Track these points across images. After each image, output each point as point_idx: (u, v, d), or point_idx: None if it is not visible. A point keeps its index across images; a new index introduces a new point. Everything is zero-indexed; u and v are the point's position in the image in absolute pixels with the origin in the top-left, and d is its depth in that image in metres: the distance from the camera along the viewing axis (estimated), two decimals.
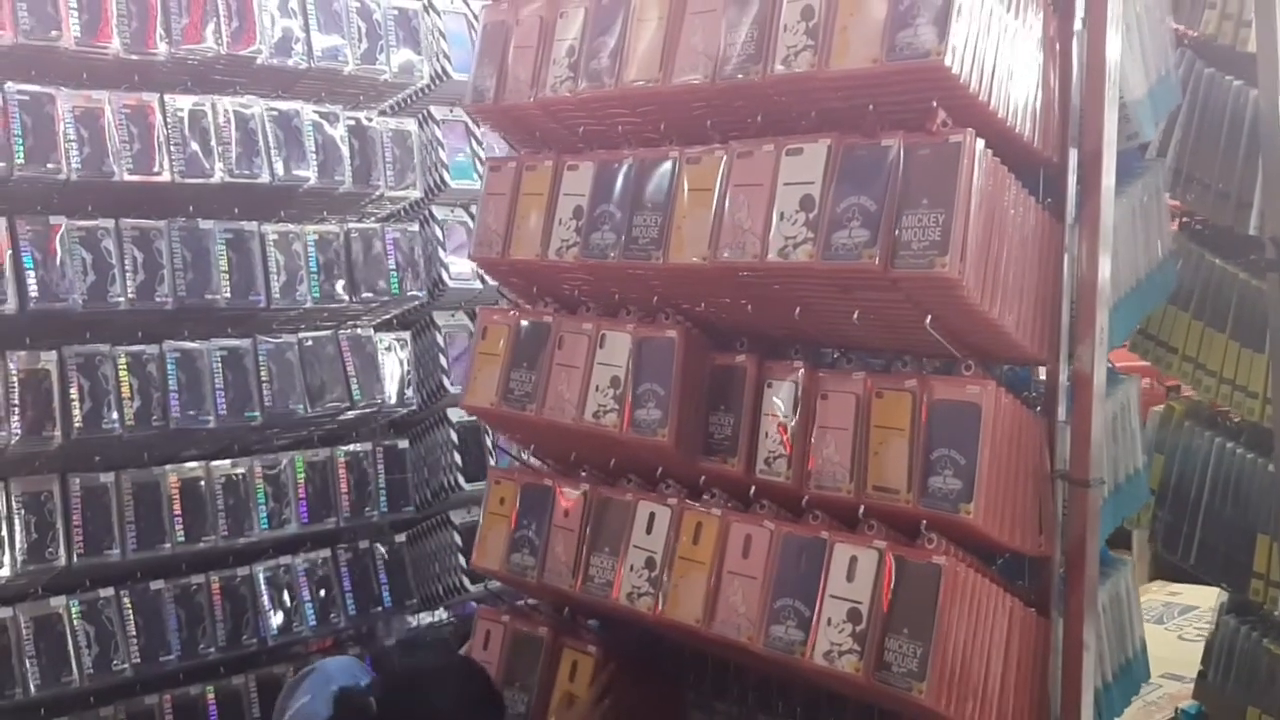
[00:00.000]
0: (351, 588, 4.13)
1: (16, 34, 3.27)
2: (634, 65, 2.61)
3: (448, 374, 4.35)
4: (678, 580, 2.55)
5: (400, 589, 4.25)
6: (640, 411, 2.60)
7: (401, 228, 4.17)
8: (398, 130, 4.10)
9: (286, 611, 3.95)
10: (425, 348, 4.37)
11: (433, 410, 4.39)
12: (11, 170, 3.28)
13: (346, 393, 4.03)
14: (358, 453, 4.16)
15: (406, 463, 4.27)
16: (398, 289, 4.12)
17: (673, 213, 2.53)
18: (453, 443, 4.37)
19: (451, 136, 4.34)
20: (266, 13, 3.68)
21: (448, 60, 4.22)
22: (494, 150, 4.36)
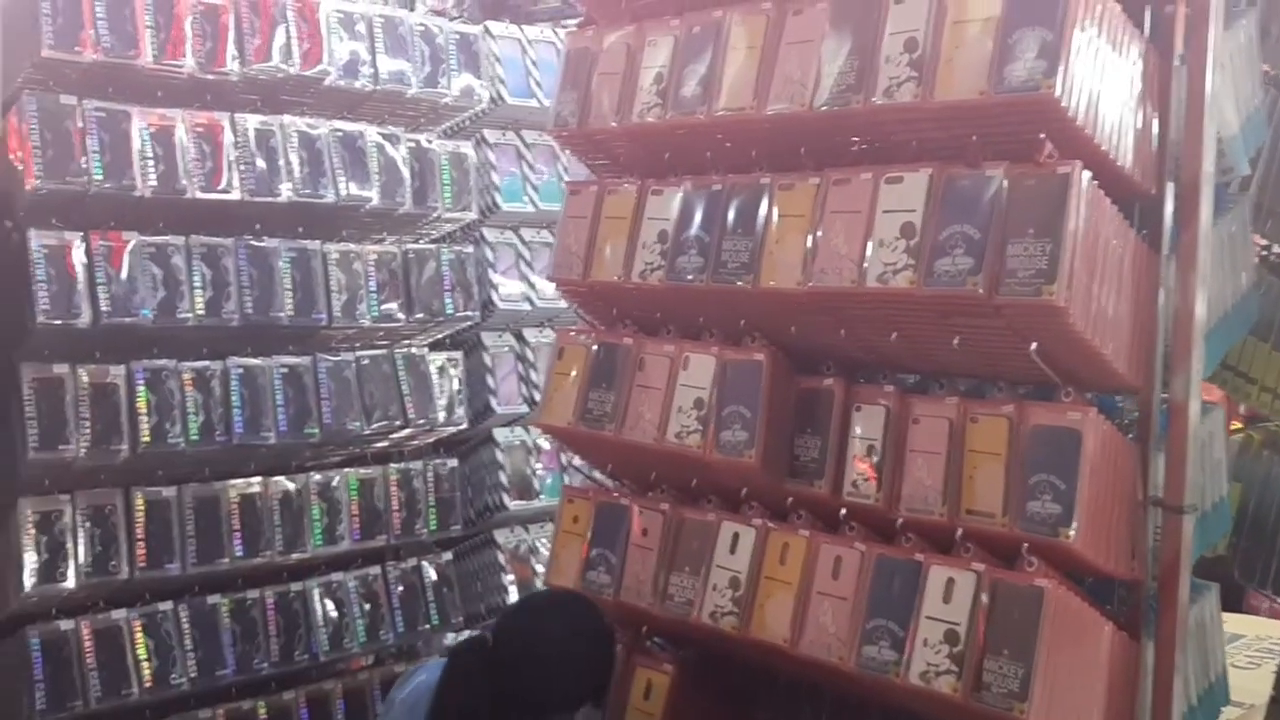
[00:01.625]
0: (400, 605, 4.16)
1: (97, 52, 3.30)
2: (725, 93, 2.65)
3: (495, 394, 4.40)
4: (763, 600, 2.58)
5: (447, 607, 4.28)
6: (726, 433, 2.64)
7: (456, 249, 4.21)
8: (455, 153, 4.15)
9: (337, 628, 3.97)
10: (473, 367, 4.41)
11: (480, 429, 4.42)
12: (89, 186, 3.32)
13: (401, 411, 4.07)
14: (408, 470, 4.20)
15: (455, 481, 4.30)
16: (451, 309, 4.16)
17: (764, 238, 2.57)
18: (498, 462, 4.40)
19: (503, 160, 4.39)
20: (335, 34, 3.74)
21: (503, 84, 4.28)
22: (544, 175, 4.43)
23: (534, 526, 4.51)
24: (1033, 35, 2.16)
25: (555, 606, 2.72)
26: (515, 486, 4.41)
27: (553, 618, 2.64)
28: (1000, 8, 2.22)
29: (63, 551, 3.41)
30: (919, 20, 2.32)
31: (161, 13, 3.42)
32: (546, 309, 4.44)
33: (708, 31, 2.72)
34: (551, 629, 2.59)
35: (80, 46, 3.29)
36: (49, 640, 3.42)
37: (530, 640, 2.56)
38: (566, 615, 2.65)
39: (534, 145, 4.41)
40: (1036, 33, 2.16)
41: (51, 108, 3.29)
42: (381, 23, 3.87)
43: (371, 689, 4.08)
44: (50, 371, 3.35)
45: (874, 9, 2.40)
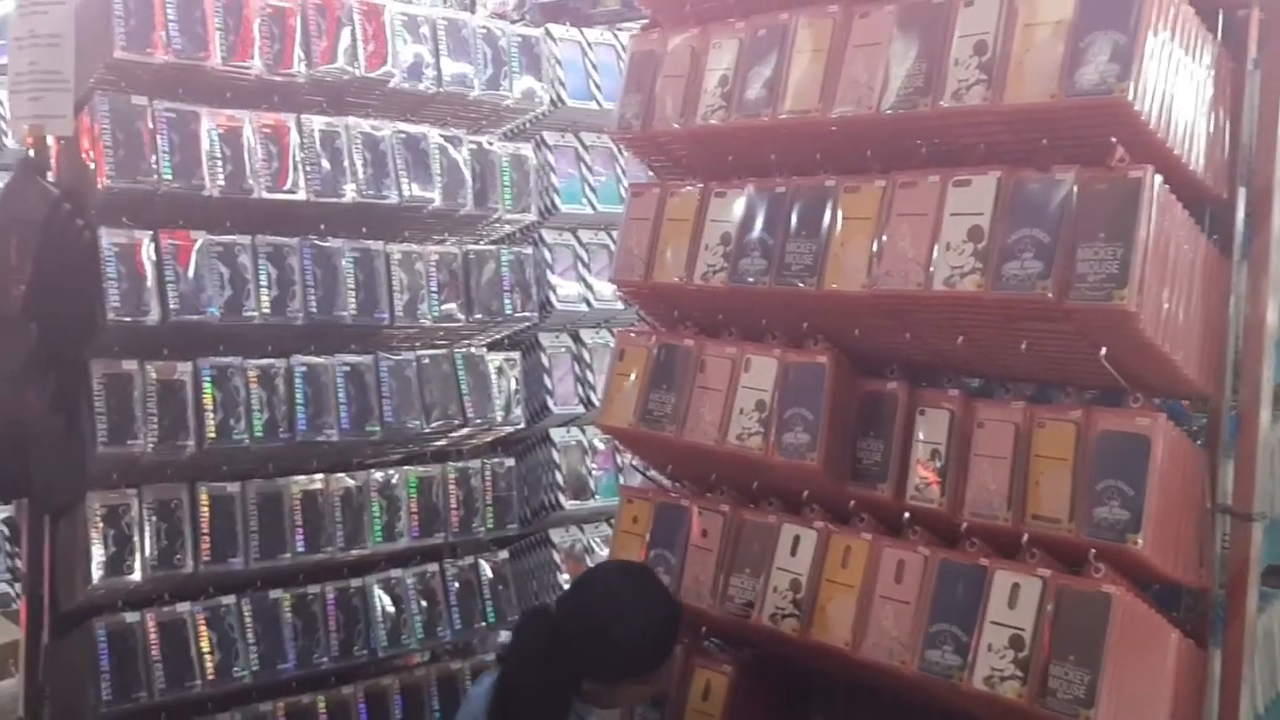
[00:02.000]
0: (457, 602, 4.18)
1: (168, 54, 3.36)
2: (791, 96, 2.66)
3: (552, 394, 4.42)
4: (824, 603, 2.58)
5: (502, 605, 4.30)
6: (788, 435, 2.64)
7: (515, 250, 4.24)
8: (515, 155, 4.18)
9: (396, 624, 4.01)
10: (530, 368, 4.43)
11: (536, 429, 4.45)
12: (159, 185, 3.37)
13: (460, 410, 4.10)
14: (466, 469, 4.22)
15: (512, 480, 4.33)
16: (510, 310, 4.19)
17: (829, 241, 2.58)
18: (554, 462, 4.42)
19: (563, 161, 4.41)
20: (399, 37, 3.77)
21: (563, 87, 4.30)
22: (603, 177, 4.45)
23: (589, 526, 4.52)
24: (1105, 38, 2.16)
25: (618, 575, 2.80)
26: (571, 486, 4.43)
27: (616, 586, 2.73)
28: (1072, 11, 2.21)
29: (129, 545, 3.46)
30: (989, 23, 2.32)
31: (230, 15, 3.47)
32: (603, 310, 4.46)
33: (773, 34, 2.73)
34: (615, 596, 2.68)
35: (151, 48, 3.34)
36: (115, 632, 3.47)
37: (594, 608, 2.66)
38: (629, 583, 2.73)
39: (593, 147, 4.43)
40: (1109, 36, 2.16)
41: (123, 108, 3.34)
42: (445, 25, 3.90)
43: (429, 685, 4.11)
44: (119, 368, 3.40)
45: (943, 12, 2.40)
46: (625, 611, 2.66)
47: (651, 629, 2.66)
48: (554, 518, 4.44)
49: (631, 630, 2.63)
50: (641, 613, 2.66)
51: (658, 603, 2.69)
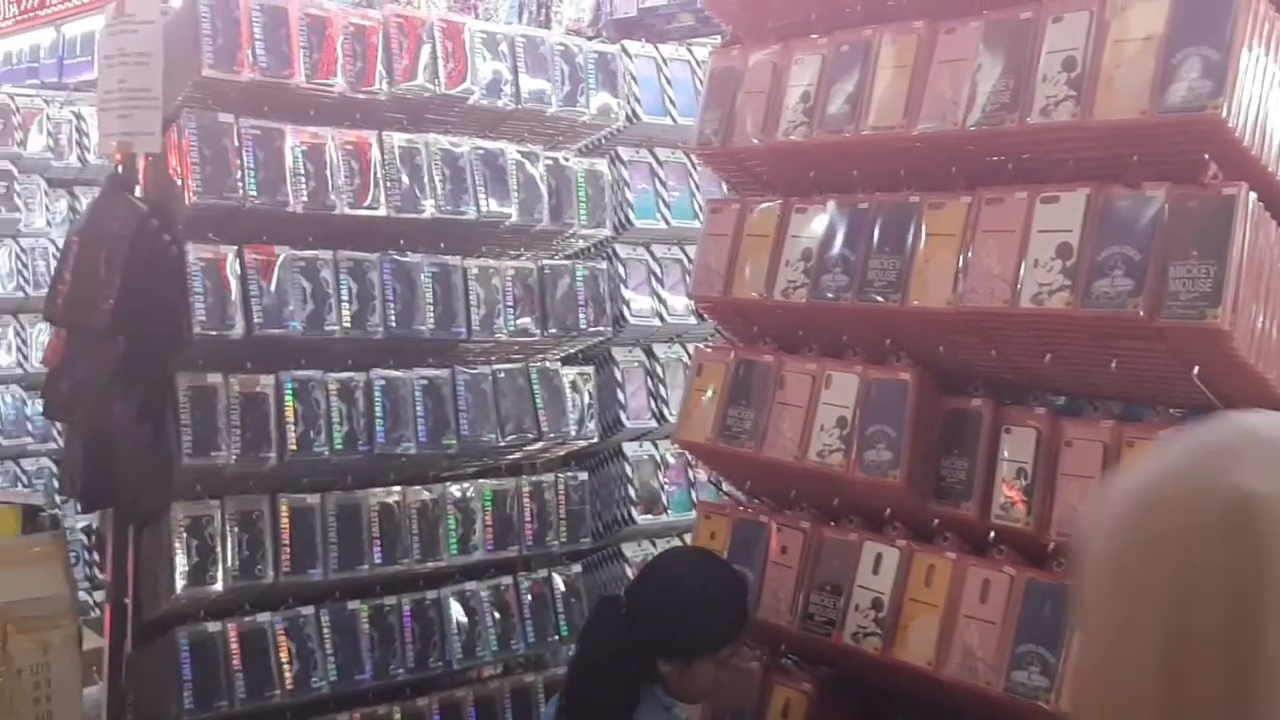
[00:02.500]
0: (531, 615, 4.20)
1: (254, 72, 3.42)
2: (874, 112, 2.65)
3: (625, 409, 4.43)
4: (907, 622, 2.56)
5: (575, 619, 4.31)
6: (870, 453, 2.63)
7: (590, 265, 4.26)
8: (591, 170, 4.20)
9: (470, 636, 4.03)
10: (604, 382, 4.44)
11: (608, 443, 4.46)
12: (244, 201, 3.43)
13: (534, 424, 4.12)
14: (540, 483, 4.24)
15: (586, 494, 4.35)
16: (584, 324, 4.21)
17: (913, 257, 2.56)
18: (627, 477, 4.43)
19: (637, 177, 4.43)
20: (479, 54, 3.81)
21: (638, 103, 4.31)
22: (677, 192, 4.46)
23: (661, 541, 4.52)
24: (1197, 54, 2.13)
25: (683, 554, 2.92)
26: (643, 501, 4.43)
27: (682, 563, 2.85)
28: (1164, 26, 2.19)
29: (212, 555, 3.51)
30: (1078, 39, 2.30)
31: (314, 34, 3.53)
32: (676, 325, 4.46)
33: (856, 50, 2.72)
34: (681, 572, 2.78)
35: (238, 66, 3.40)
36: (197, 641, 3.52)
37: (662, 584, 2.74)
38: (693, 560, 2.84)
39: (667, 162, 4.44)
40: (1201, 52, 2.13)
41: (210, 125, 3.40)
42: (523, 43, 3.94)
43: (502, 698, 4.13)
44: (204, 380, 3.46)
45: (1030, 27, 2.39)
46: (692, 583, 2.73)
47: (718, 597, 2.71)
48: (626, 532, 4.45)
49: (698, 600, 2.68)
50: (708, 583, 2.74)
51: (723, 573, 2.77)
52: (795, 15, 2.89)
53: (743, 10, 2.99)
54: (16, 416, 6.04)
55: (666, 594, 2.72)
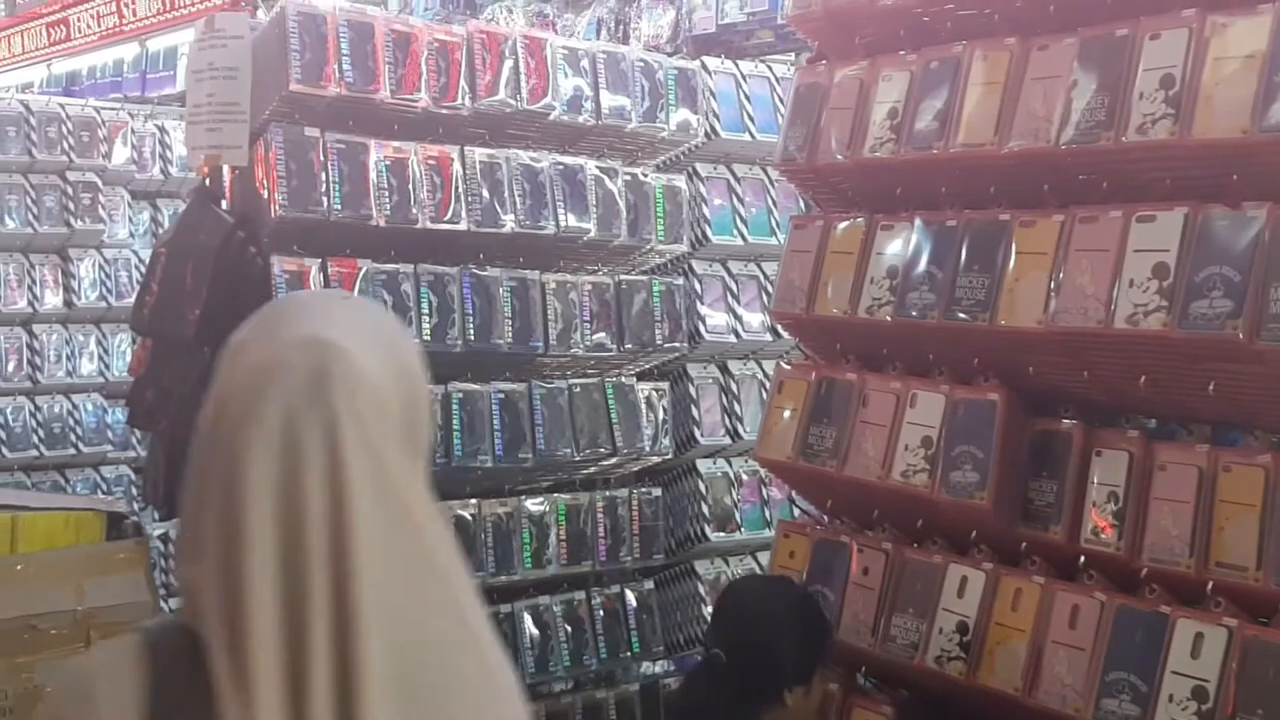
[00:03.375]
0: (603, 631, 4.19)
1: (340, 87, 3.46)
2: (964, 129, 2.63)
3: (699, 425, 4.41)
4: (993, 646, 2.52)
5: (647, 635, 4.30)
6: (955, 474, 2.60)
7: (666, 280, 4.25)
8: (669, 185, 4.20)
9: (543, 651, 4.03)
10: (678, 398, 4.43)
11: (682, 460, 4.45)
12: (328, 214, 3.47)
13: (609, 439, 4.12)
14: (614, 498, 4.24)
15: (659, 510, 4.33)
16: (660, 340, 4.20)
17: (1002, 276, 2.53)
18: (700, 493, 4.41)
19: (714, 193, 4.42)
20: (560, 70, 3.83)
21: (717, 119, 4.31)
22: (754, 208, 4.44)
23: (734, 559, 4.50)
24: None
25: (762, 591, 2.81)
26: (716, 518, 4.41)
27: (766, 602, 2.73)
28: (1266, 44, 2.15)
29: None
30: (1176, 56, 2.26)
31: (399, 49, 3.56)
32: (752, 341, 4.45)
33: (946, 66, 2.70)
34: (772, 613, 2.67)
35: (325, 81, 3.44)
36: None
37: (755, 626, 2.65)
38: (777, 594, 2.76)
39: (744, 179, 4.43)
40: None
41: (297, 139, 3.44)
42: (604, 59, 3.95)
43: (574, 713, 4.12)
44: None
45: (1127, 45, 2.35)
46: (784, 617, 2.67)
47: (810, 622, 2.69)
48: (699, 549, 4.43)
49: (795, 631, 2.64)
50: (796, 613, 2.69)
51: (803, 597, 2.75)
52: (883, 32, 2.87)
53: (829, 27, 2.97)
54: (97, 424, 6.15)
55: (764, 634, 2.64)
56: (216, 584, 1.24)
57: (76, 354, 6.14)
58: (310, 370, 1.26)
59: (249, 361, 1.29)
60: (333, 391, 1.26)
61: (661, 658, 4.43)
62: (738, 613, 2.77)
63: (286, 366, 1.27)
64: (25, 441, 5.98)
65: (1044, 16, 2.59)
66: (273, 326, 1.35)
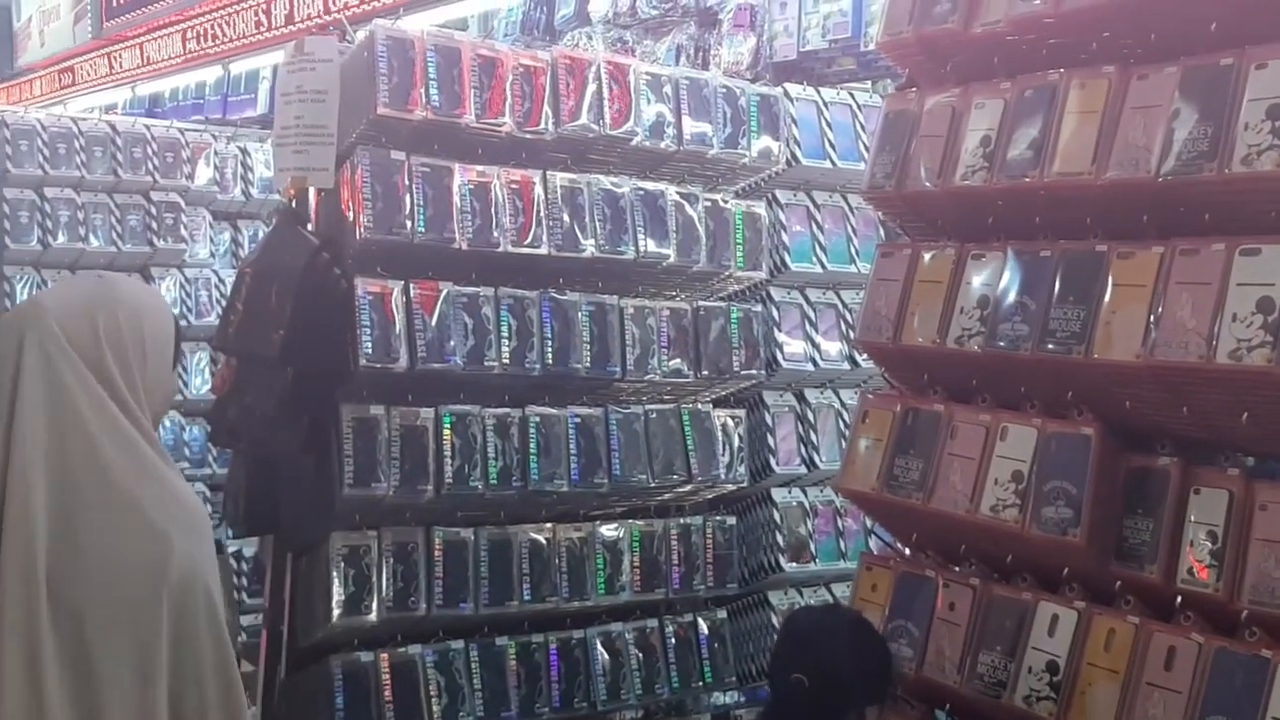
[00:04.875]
0: (675, 660, 4.16)
1: (426, 111, 3.48)
2: (1060, 158, 2.58)
3: (774, 453, 4.37)
4: (1084, 687, 2.46)
5: (720, 665, 4.25)
6: (1048, 509, 2.54)
7: (744, 307, 4.23)
8: (749, 212, 4.18)
9: (615, 678, 4.00)
10: (754, 426, 4.40)
11: (757, 488, 4.41)
12: (412, 236, 3.48)
13: (685, 466, 4.09)
14: (688, 526, 4.21)
15: (733, 539, 4.29)
16: (737, 367, 4.17)
17: (1099, 308, 2.48)
18: (775, 523, 4.37)
19: (794, 220, 4.39)
20: (643, 96, 3.83)
21: (798, 145, 4.29)
22: (834, 236, 4.41)
23: (808, 590, 4.45)
24: None
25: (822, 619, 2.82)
26: (790, 548, 4.36)
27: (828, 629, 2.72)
28: None
29: (368, 585, 3.54)
30: None
31: (485, 74, 3.58)
32: (829, 370, 4.41)
33: (1041, 95, 2.66)
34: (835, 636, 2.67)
35: (411, 105, 3.47)
36: (350, 670, 3.55)
37: (825, 660, 2.62)
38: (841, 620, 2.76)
39: (824, 206, 4.40)
40: None
41: (382, 162, 3.46)
42: (687, 85, 3.95)
43: None
44: (367, 412, 3.50)
45: (1231, 74, 2.31)
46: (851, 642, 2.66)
47: (877, 646, 2.69)
48: (773, 579, 4.38)
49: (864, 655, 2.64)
50: (862, 635, 2.70)
51: (865, 623, 2.74)
52: (976, 59, 2.84)
53: (920, 54, 2.94)
54: (174, 441, 6.22)
55: (836, 660, 2.63)
56: None
57: None
58: (17, 315, 2.31)
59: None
60: (24, 327, 2.15)
61: (733, 688, 4.38)
62: (805, 641, 2.75)
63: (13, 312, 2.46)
64: None
65: (1144, 45, 2.55)
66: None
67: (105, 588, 2.11)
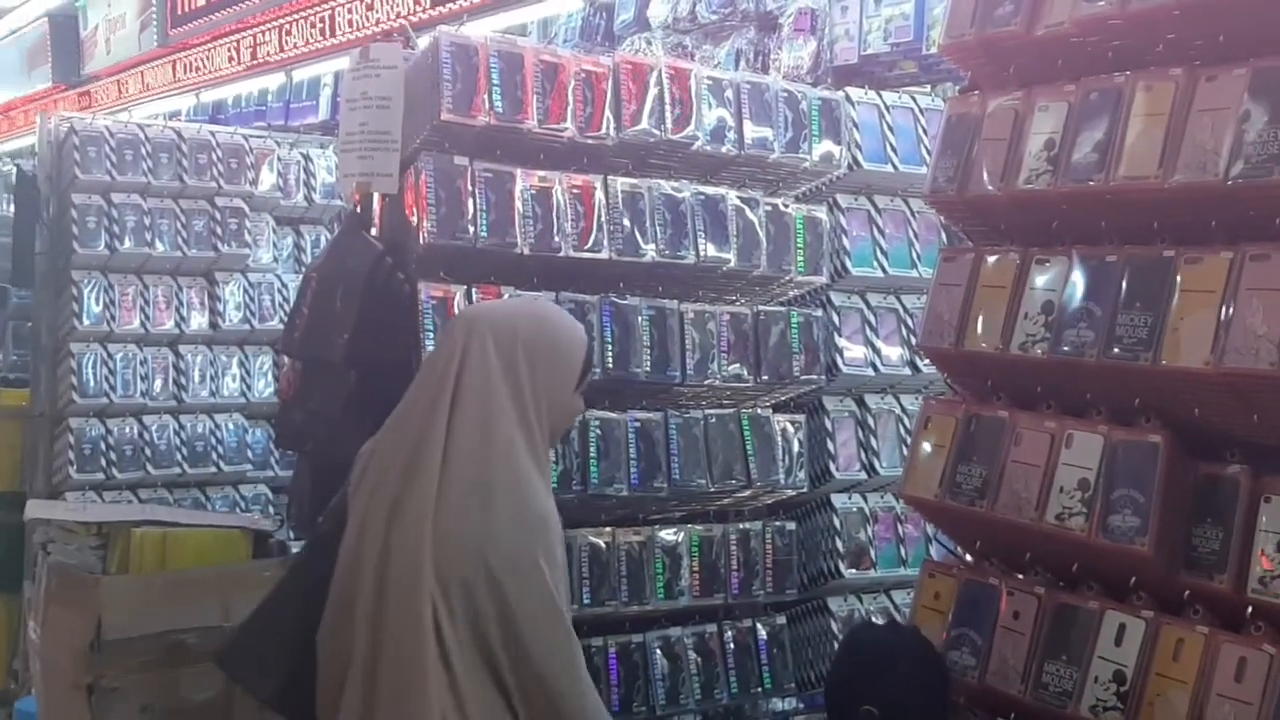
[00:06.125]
0: (734, 665, 4.15)
1: (490, 117, 3.50)
2: (1125, 161, 2.56)
3: (834, 459, 4.35)
4: (1153, 698, 2.43)
5: (779, 671, 4.24)
6: (1114, 518, 2.52)
7: (805, 312, 4.21)
8: (810, 216, 4.16)
9: (674, 683, 4.00)
10: (813, 431, 4.38)
11: (817, 494, 4.39)
12: (475, 242, 3.51)
13: (744, 471, 4.08)
14: (747, 531, 4.20)
15: (793, 545, 4.28)
16: (797, 372, 4.16)
17: (1166, 314, 2.45)
18: (834, 529, 4.35)
19: (854, 224, 4.37)
20: (704, 101, 3.83)
21: (859, 150, 4.27)
22: (895, 240, 4.38)
23: (867, 597, 4.42)
24: None
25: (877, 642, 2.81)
26: (850, 554, 4.33)
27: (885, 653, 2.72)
28: None
29: None
30: None
31: (548, 80, 3.60)
32: (890, 375, 4.38)
33: (1106, 97, 2.64)
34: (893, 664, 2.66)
35: (474, 111, 3.49)
36: None
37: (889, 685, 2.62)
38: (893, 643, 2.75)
39: (886, 210, 4.38)
40: None
41: (446, 168, 3.49)
42: (748, 89, 3.94)
43: None
44: None
45: None
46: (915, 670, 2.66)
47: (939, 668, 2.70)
48: (832, 585, 4.36)
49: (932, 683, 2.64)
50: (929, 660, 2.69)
51: (926, 644, 2.73)
52: (1039, 62, 2.81)
53: (982, 57, 2.92)
54: (238, 444, 6.30)
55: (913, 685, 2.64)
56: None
57: (220, 374, 6.30)
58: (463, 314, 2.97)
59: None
60: (471, 333, 2.65)
61: (792, 694, 4.36)
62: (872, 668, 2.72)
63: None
64: (169, 459, 6.14)
65: (1212, 46, 2.51)
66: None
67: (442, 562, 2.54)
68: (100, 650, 3.36)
